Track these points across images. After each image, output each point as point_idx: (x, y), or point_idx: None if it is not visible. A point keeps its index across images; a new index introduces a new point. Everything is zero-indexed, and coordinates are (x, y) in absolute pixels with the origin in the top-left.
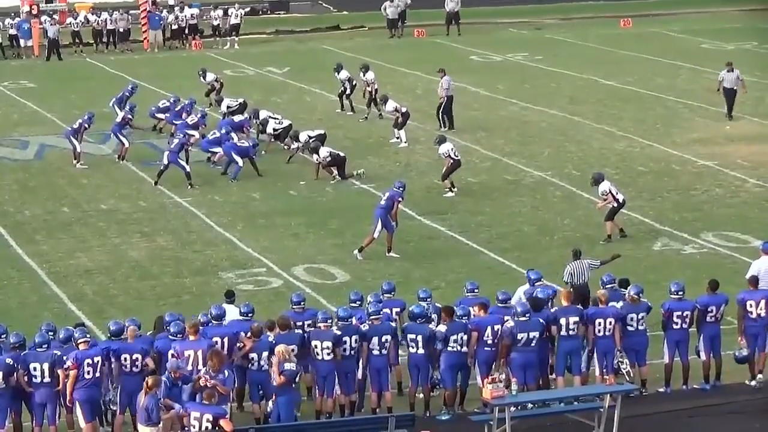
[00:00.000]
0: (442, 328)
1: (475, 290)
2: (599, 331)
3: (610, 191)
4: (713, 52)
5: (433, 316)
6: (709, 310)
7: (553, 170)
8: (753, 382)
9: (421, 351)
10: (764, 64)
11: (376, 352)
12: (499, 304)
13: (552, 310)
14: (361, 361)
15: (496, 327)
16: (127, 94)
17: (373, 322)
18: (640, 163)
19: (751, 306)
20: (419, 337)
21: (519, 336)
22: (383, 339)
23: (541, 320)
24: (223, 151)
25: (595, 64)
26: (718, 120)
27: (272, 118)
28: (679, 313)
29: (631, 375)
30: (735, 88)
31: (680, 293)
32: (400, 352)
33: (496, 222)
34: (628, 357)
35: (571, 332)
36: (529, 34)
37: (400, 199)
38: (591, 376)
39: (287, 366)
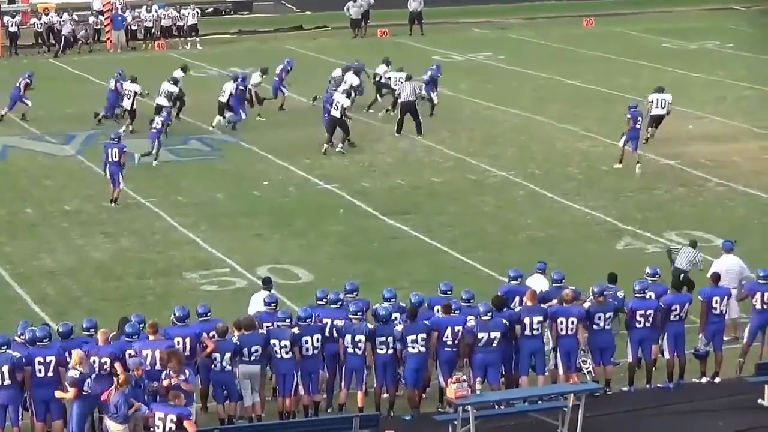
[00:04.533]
0: (400, 327)
1: (449, 291)
2: (562, 330)
3: None
4: (675, 51)
5: (395, 315)
6: (673, 308)
7: (516, 170)
8: (704, 379)
9: (390, 351)
10: (726, 63)
11: (350, 351)
12: (463, 304)
13: (516, 310)
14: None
15: (457, 327)
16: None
17: (351, 321)
18: (603, 163)
19: (716, 302)
20: (389, 339)
21: (480, 335)
22: (356, 339)
23: (504, 320)
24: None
25: (558, 64)
26: (681, 119)
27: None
28: (643, 311)
29: (593, 374)
30: None
31: (644, 292)
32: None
33: (460, 221)
34: (594, 356)
35: (534, 332)
36: (492, 33)
37: None
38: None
39: (71, 373)
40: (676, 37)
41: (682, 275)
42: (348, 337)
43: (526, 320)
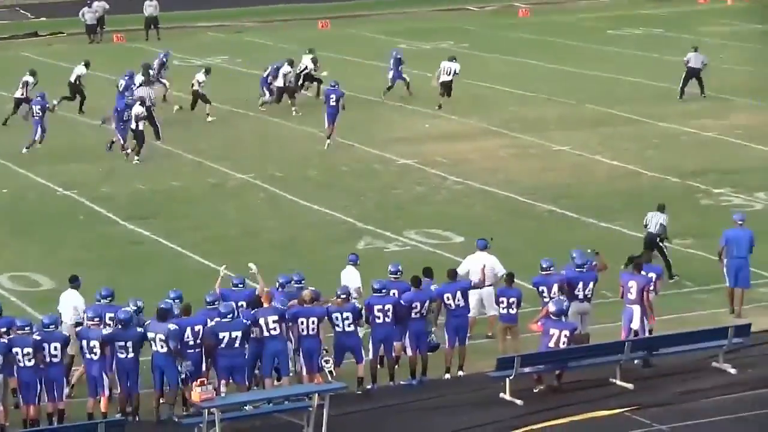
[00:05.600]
0: (172, 327)
1: (301, 281)
2: (303, 330)
3: None
4: (410, 51)
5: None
6: (413, 306)
7: (256, 172)
8: (447, 376)
9: (130, 356)
10: (460, 62)
11: (87, 357)
12: (208, 306)
13: (252, 312)
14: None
15: (197, 328)
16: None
17: (89, 326)
18: (341, 163)
19: (449, 298)
20: (129, 344)
21: (221, 335)
22: (92, 344)
23: (245, 320)
24: None
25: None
26: (418, 118)
27: None
28: (380, 306)
29: (334, 374)
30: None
31: (382, 291)
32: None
33: (201, 225)
34: (337, 357)
35: (273, 332)
36: (228, 37)
37: None
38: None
39: None
40: (410, 37)
41: (657, 239)
42: (84, 342)
43: (261, 321)
